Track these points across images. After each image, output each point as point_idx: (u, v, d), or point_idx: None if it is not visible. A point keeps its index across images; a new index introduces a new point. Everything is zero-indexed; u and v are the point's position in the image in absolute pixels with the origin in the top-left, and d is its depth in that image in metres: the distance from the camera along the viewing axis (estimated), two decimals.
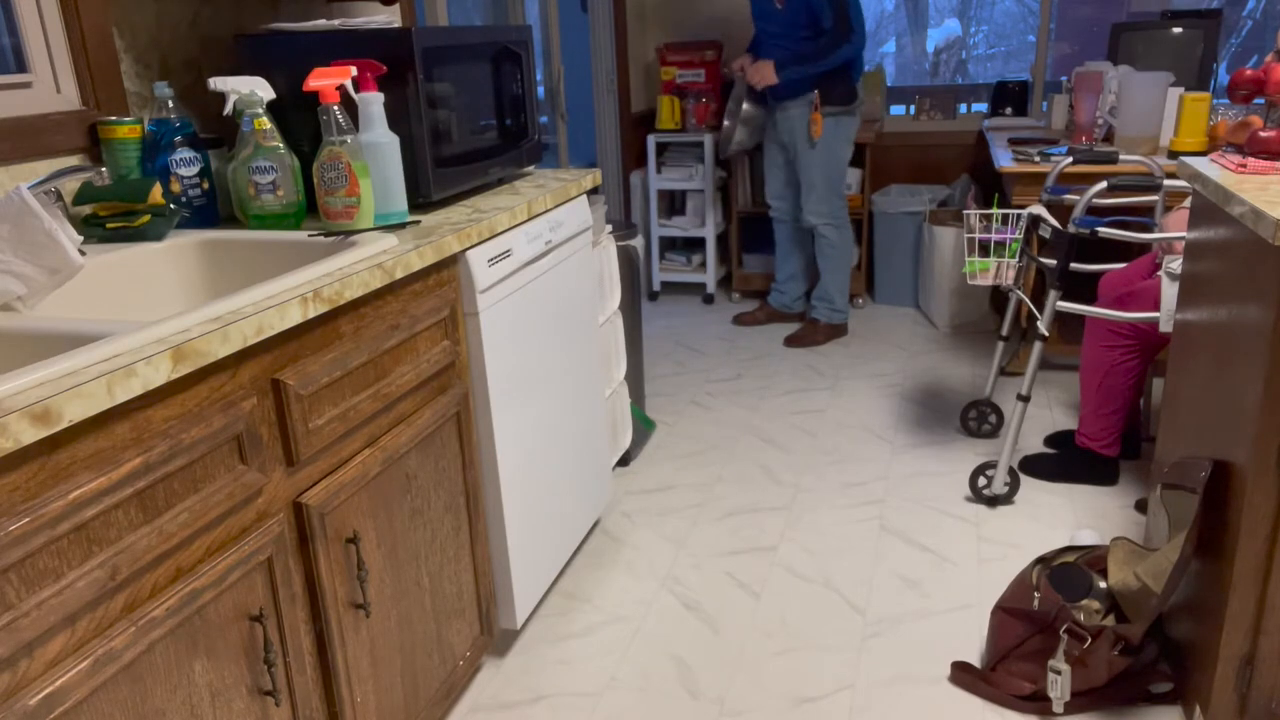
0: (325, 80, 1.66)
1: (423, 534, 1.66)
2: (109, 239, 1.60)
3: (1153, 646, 1.82)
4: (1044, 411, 3.22)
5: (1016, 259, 2.65)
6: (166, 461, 1.09)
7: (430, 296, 1.65)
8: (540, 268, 2.03)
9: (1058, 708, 1.80)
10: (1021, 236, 2.63)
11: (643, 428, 3.08)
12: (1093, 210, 2.60)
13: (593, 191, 3.19)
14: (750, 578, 2.33)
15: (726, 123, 4.04)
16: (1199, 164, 1.88)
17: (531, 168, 2.41)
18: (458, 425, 1.76)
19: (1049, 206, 2.79)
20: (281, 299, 1.27)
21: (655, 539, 2.53)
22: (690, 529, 2.57)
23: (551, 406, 2.11)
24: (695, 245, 4.81)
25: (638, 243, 3.00)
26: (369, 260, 1.48)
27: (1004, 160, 3.26)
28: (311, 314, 1.31)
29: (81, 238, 1.45)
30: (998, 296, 4.25)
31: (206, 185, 1.79)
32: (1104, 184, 2.38)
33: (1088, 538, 2.27)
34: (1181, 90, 3.14)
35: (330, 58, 1.76)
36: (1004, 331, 2.96)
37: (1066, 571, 1.88)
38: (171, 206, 1.64)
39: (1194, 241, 1.94)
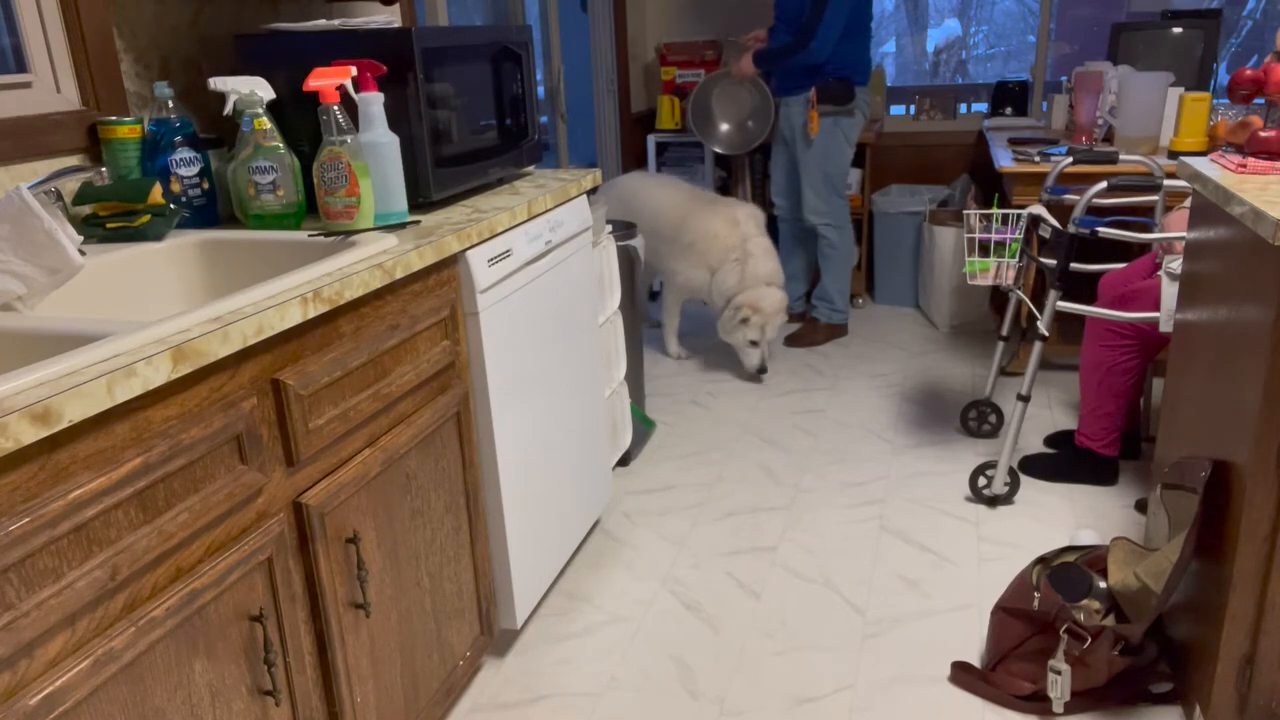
0: (325, 80, 1.66)
1: (423, 534, 1.66)
2: (109, 239, 1.60)
3: (1153, 646, 1.82)
4: (1044, 411, 3.22)
5: (1016, 259, 2.65)
6: (166, 461, 1.09)
7: (430, 296, 1.65)
8: (540, 268, 2.03)
9: (1058, 708, 1.80)
10: (1021, 236, 2.63)
11: (643, 428, 3.08)
12: (1093, 210, 2.59)
13: (592, 191, 3.19)
14: (750, 578, 2.33)
15: (727, 126, 4.02)
16: (1199, 164, 1.88)
17: (531, 168, 2.41)
18: (458, 425, 1.76)
19: (1049, 206, 2.79)
20: (281, 299, 1.27)
21: (655, 539, 2.53)
22: (690, 529, 2.57)
23: (551, 406, 2.11)
24: None
25: (638, 243, 3.00)
26: (369, 260, 1.48)
27: (1004, 160, 3.26)
28: (311, 314, 1.31)
29: (81, 238, 1.45)
30: (998, 296, 4.24)
31: (206, 185, 1.79)
32: (1104, 184, 2.38)
33: (1088, 538, 2.27)
34: (1181, 90, 3.14)
35: (330, 58, 1.76)
36: (1004, 331, 2.96)
37: (1066, 571, 1.88)
38: (171, 206, 1.64)
39: (1194, 241, 1.94)
